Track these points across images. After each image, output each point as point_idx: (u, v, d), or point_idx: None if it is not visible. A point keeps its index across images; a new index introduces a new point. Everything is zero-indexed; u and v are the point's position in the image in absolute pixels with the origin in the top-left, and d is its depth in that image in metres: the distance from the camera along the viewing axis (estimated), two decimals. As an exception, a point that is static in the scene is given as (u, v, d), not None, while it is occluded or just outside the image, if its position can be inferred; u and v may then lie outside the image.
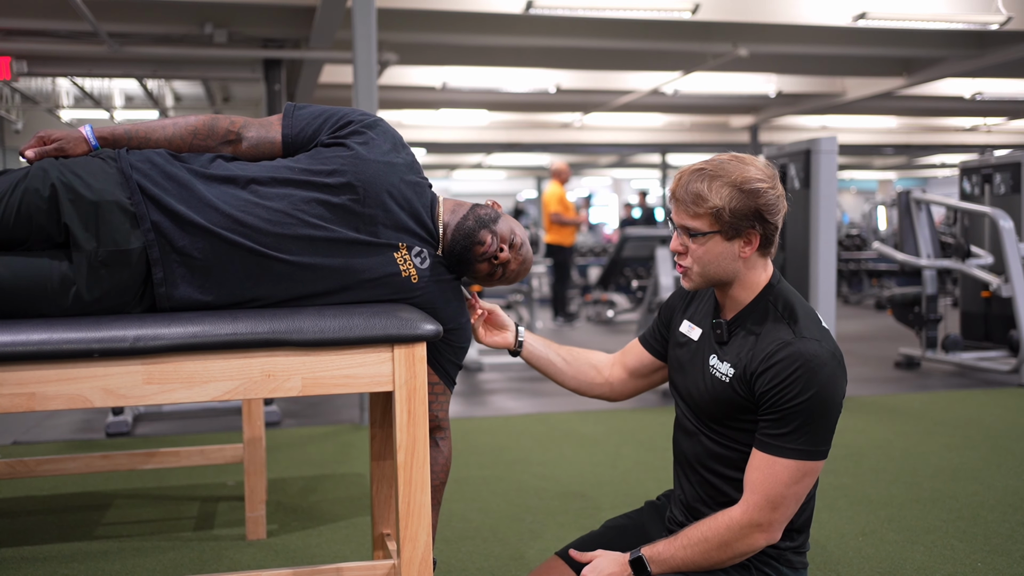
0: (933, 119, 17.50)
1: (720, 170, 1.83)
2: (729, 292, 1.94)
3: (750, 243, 1.86)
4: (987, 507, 3.51)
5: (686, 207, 1.86)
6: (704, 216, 1.83)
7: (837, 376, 1.81)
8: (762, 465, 1.81)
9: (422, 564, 1.88)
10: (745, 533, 1.81)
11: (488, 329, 2.26)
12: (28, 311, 1.82)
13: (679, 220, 1.89)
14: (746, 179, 1.80)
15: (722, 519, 1.84)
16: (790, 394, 1.77)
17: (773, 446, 1.80)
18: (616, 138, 17.58)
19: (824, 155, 5.53)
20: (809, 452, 1.79)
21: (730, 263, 1.88)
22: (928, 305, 6.95)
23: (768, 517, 1.80)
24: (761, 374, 1.81)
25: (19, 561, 3.04)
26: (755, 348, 1.85)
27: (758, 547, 1.83)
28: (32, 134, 2.38)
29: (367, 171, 2.01)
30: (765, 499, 1.79)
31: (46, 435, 5.01)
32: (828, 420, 1.80)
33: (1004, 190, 6.93)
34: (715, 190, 1.81)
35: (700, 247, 1.87)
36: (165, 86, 10.50)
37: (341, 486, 3.94)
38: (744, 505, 1.82)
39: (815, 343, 1.80)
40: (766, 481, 1.80)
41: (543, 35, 9.00)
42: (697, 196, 1.83)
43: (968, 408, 5.53)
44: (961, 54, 9.94)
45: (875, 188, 30.62)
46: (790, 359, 1.78)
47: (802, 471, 1.80)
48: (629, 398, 2.29)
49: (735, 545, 1.82)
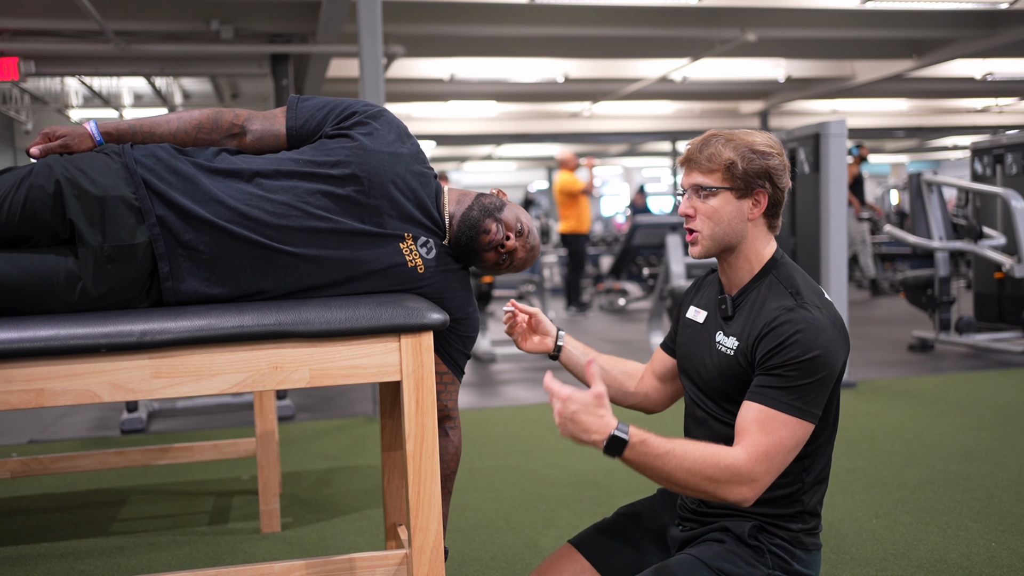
0: (944, 101, 17.38)
1: (732, 135, 1.90)
2: (734, 264, 1.94)
3: (759, 204, 1.89)
4: (1001, 487, 3.49)
5: (699, 165, 1.90)
6: (717, 171, 1.87)
7: (837, 344, 1.80)
8: (761, 418, 1.76)
9: (433, 552, 1.88)
10: (737, 480, 1.73)
11: (527, 335, 2.19)
12: (35, 308, 1.83)
13: (691, 181, 1.91)
14: (755, 142, 1.88)
15: (725, 458, 1.74)
16: (789, 354, 1.76)
17: (772, 399, 1.77)
18: (625, 126, 17.53)
19: (833, 139, 5.50)
20: (804, 411, 1.76)
21: (739, 224, 1.89)
22: (941, 287, 6.92)
23: (762, 471, 1.74)
24: (762, 339, 1.82)
25: (36, 558, 3.06)
26: (758, 318, 1.86)
27: (738, 499, 1.75)
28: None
29: (372, 162, 2.01)
30: (764, 453, 1.74)
31: (61, 433, 5.04)
32: (822, 384, 1.78)
33: (1016, 170, 6.89)
34: (729, 148, 1.87)
35: (710, 204, 1.89)
36: (173, 84, 10.52)
37: (355, 478, 3.95)
38: (746, 453, 1.74)
39: (816, 310, 1.81)
40: (768, 435, 1.75)
41: (550, 24, 8.98)
42: (712, 154, 1.88)
43: (982, 389, 5.50)
44: (971, 34, 9.87)
45: (887, 172, 30.46)
46: (791, 324, 1.78)
47: (798, 432, 1.77)
48: (666, 407, 2.26)
49: (720, 488, 1.74)
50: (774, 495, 1.90)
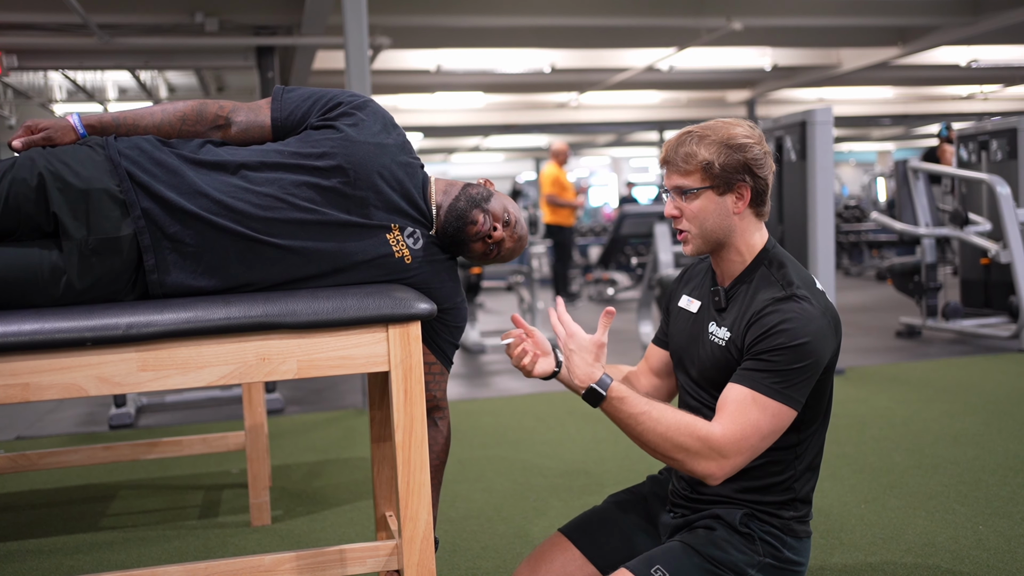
0: (929, 88, 17.43)
1: (707, 130, 1.88)
2: (726, 257, 1.95)
3: (742, 197, 1.89)
4: (988, 471, 3.51)
5: (677, 167, 1.89)
6: (695, 172, 1.87)
7: (826, 333, 1.81)
8: (740, 398, 1.78)
9: (423, 542, 1.88)
10: (708, 455, 1.75)
11: (535, 356, 1.97)
12: (19, 302, 1.81)
13: (672, 183, 1.92)
14: (732, 135, 1.86)
15: (700, 430, 1.76)
16: (776, 341, 1.78)
17: (754, 381, 1.78)
18: (613, 116, 17.51)
19: (819, 126, 5.50)
20: (785, 396, 1.77)
21: (725, 219, 1.89)
22: (928, 274, 6.94)
23: (734, 450, 1.76)
24: (751, 327, 1.83)
25: (24, 554, 3.05)
26: (749, 309, 1.87)
27: (705, 474, 1.77)
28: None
29: (357, 153, 2.00)
30: (740, 433, 1.76)
31: (49, 429, 5.02)
32: (807, 372, 1.79)
33: (1001, 156, 6.91)
34: (704, 147, 1.86)
35: (694, 205, 1.89)
36: (158, 77, 10.48)
37: (345, 470, 3.95)
38: (721, 429, 1.76)
39: (806, 301, 1.81)
40: (744, 415, 1.77)
41: (536, 14, 8.96)
42: (687, 154, 1.87)
43: (969, 374, 5.53)
44: (955, 21, 9.89)
45: (874, 160, 30.53)
46: (780, 313, 1.80)
47: (777, 416, 1.77)
48: (668, 403, 2.25)
49: (692, 459, 1.76)
50: (765, 483, 1.91)
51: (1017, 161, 6.75)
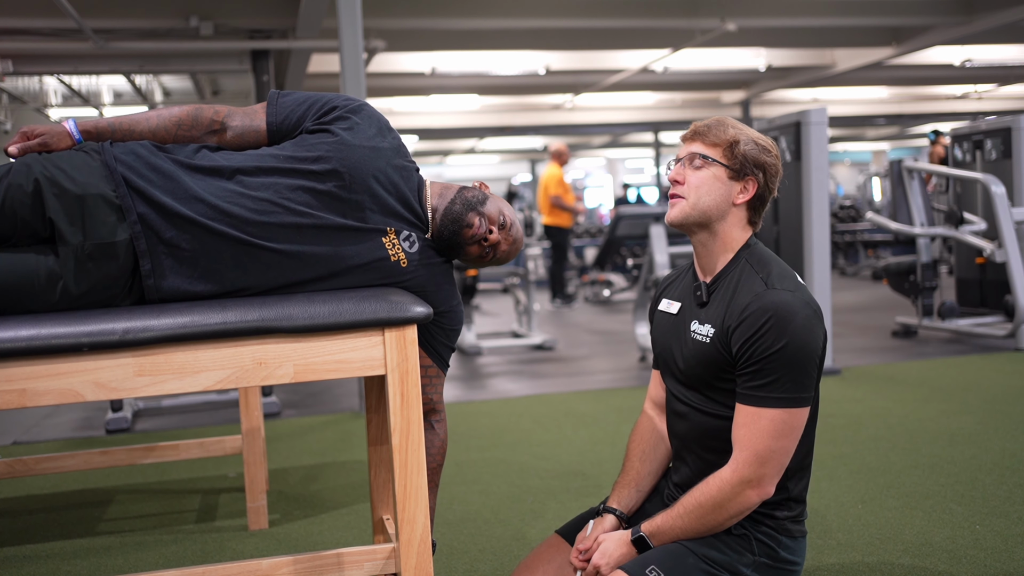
0: (924, 88, 17.47)
1: (741, 124, 1.97)
2: (709, 246, 1.97)
3: (747, 191, 1.93)
4: (984, 470, 3.52)
5: (705, 137, 1.95)
6: (719, 146, 1.93)
7: (812, 324, 1.83)
8: (747, 420, 1.83)
9: (421, 545, 1.88)
10: (737, 492, 1.83)
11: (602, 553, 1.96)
12: (15, 307, 1.81)
13: (691, 149, 1.96)
14: (762, 139, 1.96)
15: (714, 482, 1.86)
16: (765, 343, 1.80)
17: (755, 397, 1.83)
18: (608, 118, 17.53)
19: (814, 127, 5.52)
20: (791, 399, 1.81)
21: (723, 202, 1.93)
22: (923, 273, 6.96)
23: (758, 472, 1.82)
24: (736, 328, 1.85)
25: (21, 560, 3.05)
26: (731, 304, 1.89)
27: (752, 504, 1.84)
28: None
29: (352, 157, 2.00)
30: (753, 455, 1.81)
31: (46, 434, 5.02)
32: (806, 367, 1.82)
33: (995, 156, 6.92)
34: (736, 132, 1.94)
35: (701, 173, 1.93)
36: (153, 81, 10.45)
37: (342, 474, 3.95)
38: (733, 464, 1.84)
39: (787, 293, 1.84)
40: (753, 436, 1.82)
41: (531, 16, 8.97)
42: (719, 130, 1.94)
43: (965, 374, 5.54)
44: (949, 21, 9.91)
45: (869, 160, 30.57)
46: (762, 310, 1.82)
47: (787, 421, 1.82)
48: None
49: (728, 506, 1.84)
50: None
51: (1012, 160, 6.76)
